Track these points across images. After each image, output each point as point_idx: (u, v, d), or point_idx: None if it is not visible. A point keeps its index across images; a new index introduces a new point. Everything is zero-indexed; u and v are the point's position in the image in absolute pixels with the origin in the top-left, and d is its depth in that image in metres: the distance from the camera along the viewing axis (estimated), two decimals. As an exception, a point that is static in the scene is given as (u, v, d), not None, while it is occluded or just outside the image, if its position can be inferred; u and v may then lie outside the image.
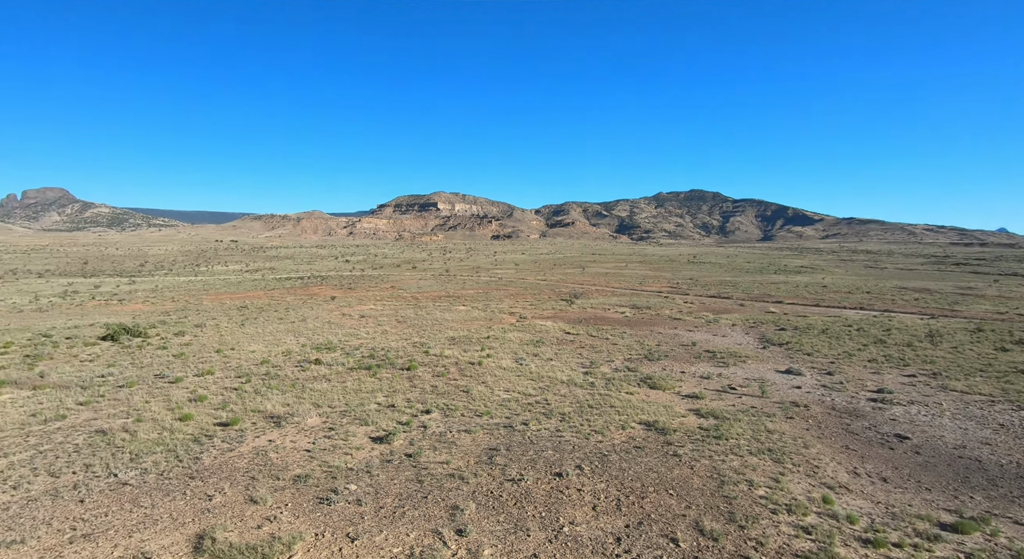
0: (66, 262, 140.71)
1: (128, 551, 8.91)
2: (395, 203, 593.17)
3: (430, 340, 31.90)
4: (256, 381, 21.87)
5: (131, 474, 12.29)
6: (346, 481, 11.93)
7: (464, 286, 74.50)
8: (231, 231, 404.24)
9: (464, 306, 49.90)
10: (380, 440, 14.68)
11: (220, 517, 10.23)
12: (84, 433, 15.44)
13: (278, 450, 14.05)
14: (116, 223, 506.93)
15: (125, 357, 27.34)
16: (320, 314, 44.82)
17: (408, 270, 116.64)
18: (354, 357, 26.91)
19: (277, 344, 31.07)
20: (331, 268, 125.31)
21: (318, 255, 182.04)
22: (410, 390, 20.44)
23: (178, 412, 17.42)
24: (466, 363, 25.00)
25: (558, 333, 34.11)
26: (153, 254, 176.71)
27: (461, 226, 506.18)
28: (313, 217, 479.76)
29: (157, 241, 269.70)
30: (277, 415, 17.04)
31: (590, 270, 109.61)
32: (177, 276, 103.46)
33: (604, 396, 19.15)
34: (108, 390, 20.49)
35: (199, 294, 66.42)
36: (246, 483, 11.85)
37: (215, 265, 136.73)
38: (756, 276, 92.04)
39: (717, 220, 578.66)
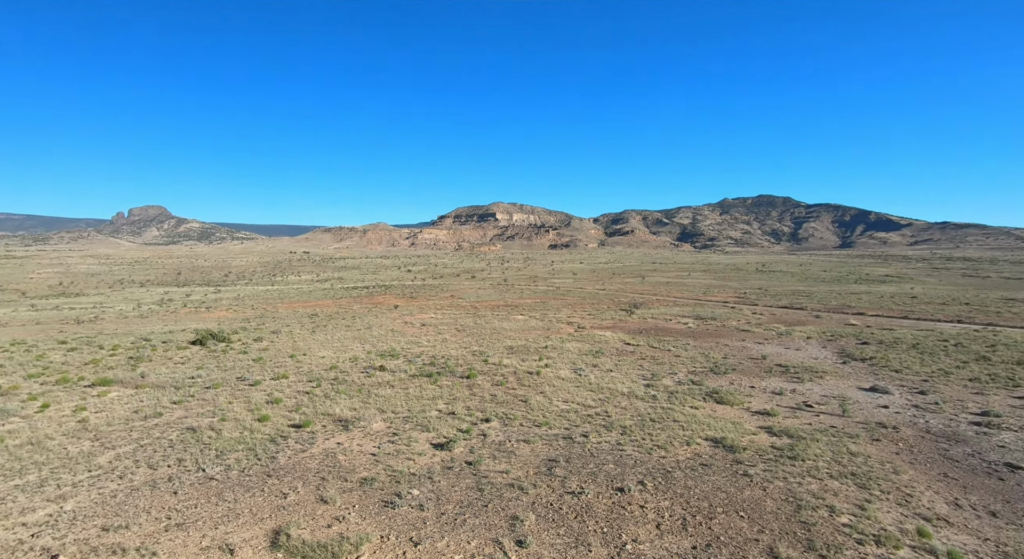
0: (163, 273, 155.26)
1: (214, 542, 9.61)
2: (454, 214, 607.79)
3: (489, 349, 32.24)
4: (326, 386, 23.00)
5: (217, 470, 13.27)
6: (409, 486, 12.24)
7: (522, 295, 74.85)
8: (304, 243, 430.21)
9: (522, 315, 50.08)
10: (441, 447, 14.97)
11: (294, 515, 10.80)
12: (177, 430, 16.88)
13: (346, 453, 14.67)
14: (205, 237, 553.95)
15: (211, 360, 29.65)
16: (384, 322, 46.55)
17: (467, 279, 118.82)
18: (416, 364, 27.69)
19: (344, 350, 32.56)
20: (394, 278, 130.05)
21: (382, 265, 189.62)
22: (469, 398, 20.72)
23: (257, 413, 18.64)
24: (524, 373, 25.03)
25: (618, 344, 33.43)
26: (235, 265, 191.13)
27: (519, 236, 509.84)
28: (378, 229, 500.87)
29: (239, 253, 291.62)
30: (345, 419, 17.82)
31: (650, 279, 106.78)
32: (256, 286, 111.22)
33: (667, 410, 18.50)
34: (197, 391, 22.30)
35: (275, 302, 71.02)
36: (317, 483, 12.46)
37: (289, 275, 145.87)
38: (833, 286, 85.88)
39: (788, 226, 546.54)
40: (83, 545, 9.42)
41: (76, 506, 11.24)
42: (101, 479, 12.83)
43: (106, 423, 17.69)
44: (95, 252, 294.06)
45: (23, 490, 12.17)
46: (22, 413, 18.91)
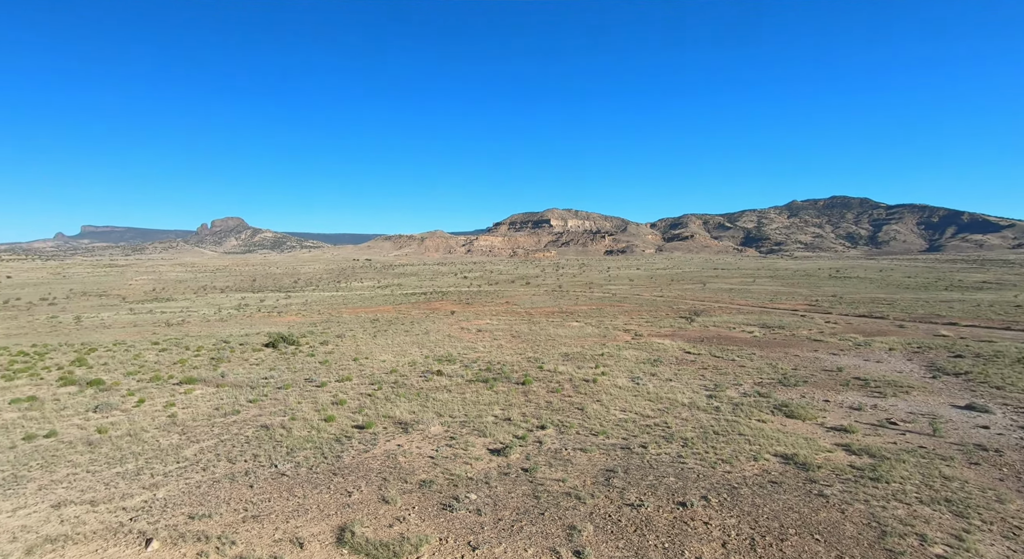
0: (240, 279, 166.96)
1: (286, 535, 10.15)
2: (509, 221, 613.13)
3: (544, 355, 32.15)
4: (386, 389, 23.79)
5: (287, 466, 14.04)
6: (466, 490, 12.39)
7: (577, 302, 74.15)
8: (365, 251, 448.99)
9: (577, 322, 49.60)
10: (497, 453, 15.05)
11: (358, 513, 11.22)
12: (252, 427, 18.03)
13: (406, 455, 15.08)
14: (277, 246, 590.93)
15: (282, 362, 31.47)
16: (441, 328, 47.58)
17: (522, 286, 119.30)
18: (472, 370, 28.06)
19: (404, 355, 33.56)
20: (451, 284, 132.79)
21: (439, 272, 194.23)
22: (525, 405, 20.73)
23: (323, 413, 19.57)
24: (580, 380, 24.74)
25: (677, 352, 32.32)
26: (304, 272, 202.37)
27: (574, 242, 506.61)
28: (435, 236, 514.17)
29: (307, 261, 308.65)
30: (405, 422, 18.33)
31: (712, 286, 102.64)
32: (322, 292, 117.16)
33: (731, 422, 17.64)
34: (270, 391, 23.73)
35: (339, 307, 74.46)
36: (379, 483, 12.88)
37: (352, 282, 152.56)
38: (920, 293, 78.87)
39: (866, 229, 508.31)
40: (172, 531, 10.24)
41: (167, 494, 12.26)
42: (187, 470, 13.92)
43: (191, 418, 19.20)
44: (183, 260, 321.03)
45: (123, 477, 13.42)
46: (122, 407, 20.89)
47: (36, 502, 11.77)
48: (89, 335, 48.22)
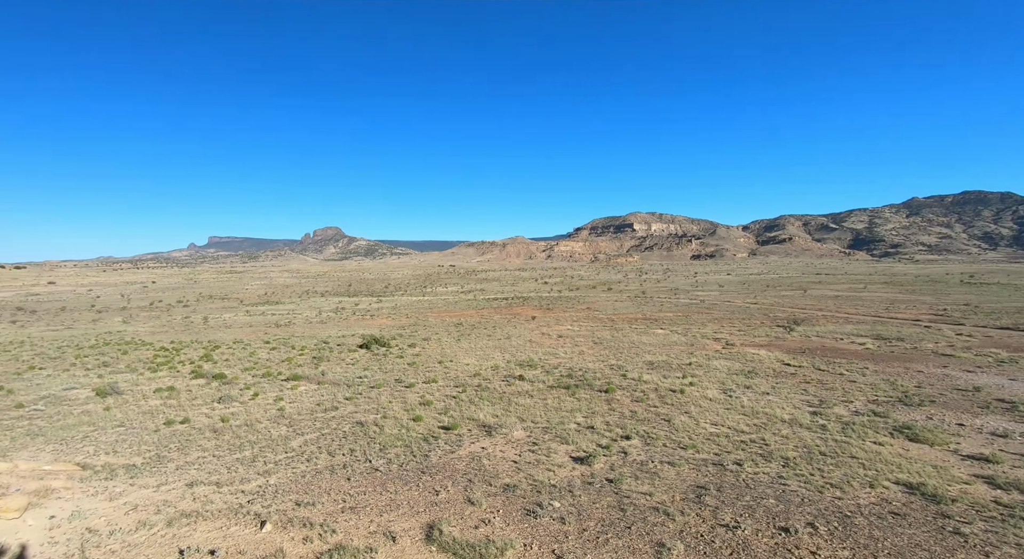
0: (337, 284, 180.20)
1: (379, 528, 10.72)
2: (590, 226, 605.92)
3: (627, 363, 31.27)
4: (470, 392, 24.39)
5: (380, 462, 14.84)
6: (550, 497, 12.32)
7: (662, 308, 71.41)
8: (450, 257, 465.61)
9: (662, 329, 47.73)
10: (580, 461, 14.83)
11: (445, 512, 11.57)
12: (349, 423, 19.30)
13: (489, 457, 15.33)
14: (370, 253, 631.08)
15: (375, 363, 33.41)
16: (522, 333, 47.98)
17: (603, 291, 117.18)
18: (553, 375, 27.97)
19: (486, 359, 34.24)
20: (531, 290, 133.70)
21: (520, 277, 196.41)
22: (608, 413, 20.27)
23: (412, 413, 20.48)
24: (666, 390, 23.73)
25: (774, 364, 29.95)
26: (393, 278, 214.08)
27: (658, 246, 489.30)
28: (516, 242, 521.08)
29: (396, 267, 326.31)
30: (488, 425, 18.67)
31: (814, 292, 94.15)
32: (410, 296, 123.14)
33: (841, 443, 15.97)
34: (363, 389, 25.29)
35: (425, 311, 77.73)
36: (464, 484, 13.21)
37: (437, 287, 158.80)
38: (1082, 301, 66.77)
39: (1009, 228, 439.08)
40: (282, 516, 11.21)
41: (277, 481, 13.46)
42: (294, 460, 15.19)
43: (297, 412, 20.96)
44: (289, 267, 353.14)
45: (241, 463, 14.95)
46: (240, 399, 23.31)
47: (174, 480, 13.45)
48: (214, 334, 54.47)
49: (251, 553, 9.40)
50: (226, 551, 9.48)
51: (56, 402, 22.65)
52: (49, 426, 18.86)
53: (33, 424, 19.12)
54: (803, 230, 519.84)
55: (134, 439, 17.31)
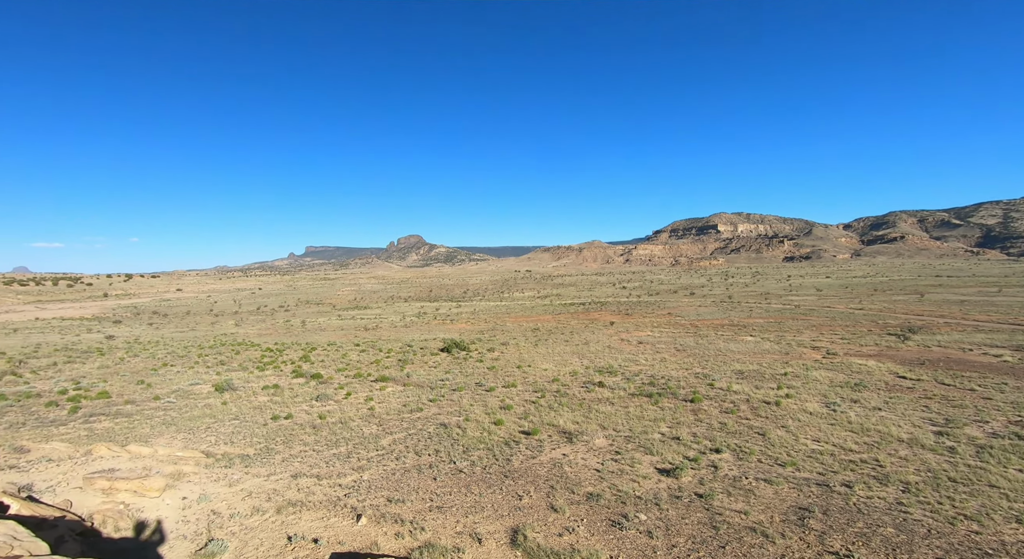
0: (419, 290, 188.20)
1: (465, 528, 10.98)
2: (671, 228, 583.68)
3: (714, 372, 29.66)
4: (549, 397, 24.35)
5: (464, 464, 15.22)
6: (635, 509, 11.95)
7: (751, 314, 67.03)
8: (526, 262, 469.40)
9: (751, 336, 44.77)
10: (667, 473, 14.25)
11: (528, 517, 11.61)
12: (433, 424, 20.00)
13: (571, 465, 15.18)
14: (449, 259, 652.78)
15: (456, 366, 34.40)
16: (600, 338, 47.17)
17: (685, 296, 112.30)
18: (634, 383, 27.18)
19: (564, 364, 34.03)
20: (609, 294, 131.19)
21: (597, 282, 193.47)
22: (695, 424, 19.32)
23: (493, 417, 20.81)
24: (759, 401, 22.17)
25: (887, 376, 26.97)
26: (472, 283, 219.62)
27: (745, 248, 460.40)
28: (592, 246, 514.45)
29: (474, 273, 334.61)
30: (568, 431, 18.51)
31: (932, 297, 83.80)
32: (488, 301, 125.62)
33: (976, 469, 13.99)
34: (446, 392, 26.11)
35: (503, 316, 78.85)
36: (547, 490, 13.18)
37: (514, 292, 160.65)
38: None
39: None
40: (375, 510, 11.85)
41: (370, 477, 14.26)
42: (384, 458, 16.01)
43: (385, 412, 22.09)
44: (375, 274, 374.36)
45: (338, 458, 16.01)
46: (335, 398, 25.00)
47: (281, 471, 14.70)
48: (310, 336, 58.98)
49: (349, 544, 10.01)
50: (327, 540, 10.18)
51: (184, 395, 25.64)
52: (179, 417, 21.40)
53: (167, 415, 21.79)
54: (918, 227, 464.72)
55: (247, 431, 19.15)
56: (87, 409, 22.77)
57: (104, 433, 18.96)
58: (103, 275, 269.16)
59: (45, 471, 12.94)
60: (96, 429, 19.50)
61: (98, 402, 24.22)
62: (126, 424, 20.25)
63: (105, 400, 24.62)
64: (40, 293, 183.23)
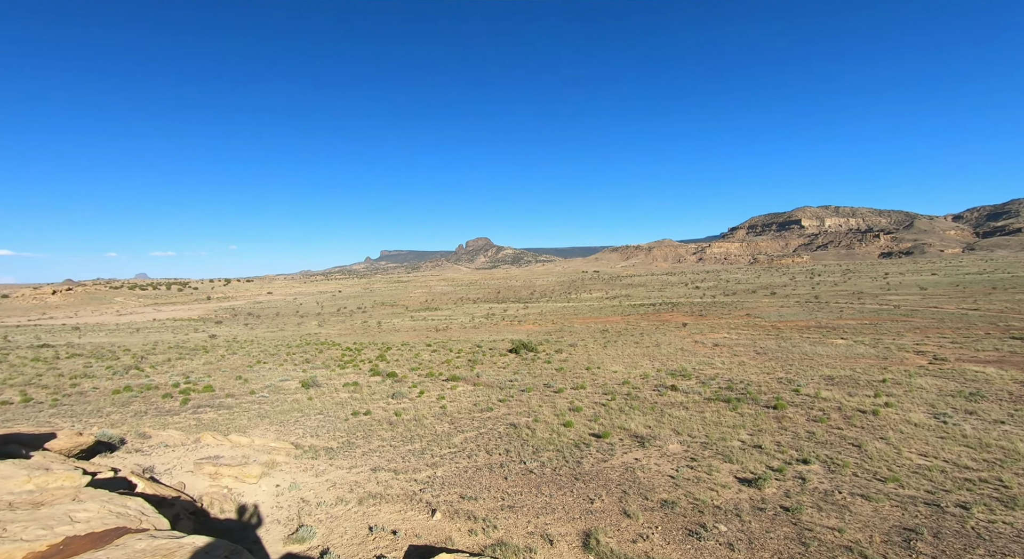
0: (487, 292, 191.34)
1: (537, 529, 11.01)
2: (748, 224, 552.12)
3: (799, 377, 27.66)
4: (619, 400, 23.84)
5: (534, 465, 15.26)
6: (714, 519, 11.40)
7: (841, 315, 61.85)
8: (593, 263, 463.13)
9: (842, 339, 41.28)
10: (748, 483, 13.46)
11: (600, 521, 11.43)
12: (503, 424, 20.24)
13: (644, 470, 14.76)
14: (516, 261, 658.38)
15: (524, 367, 34.60)
16: (672, 340, 45.52)
17: (765, 296, 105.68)
18: (710, 387, 25.99)
19: (635, 367, 33.18)
20: (681, 295, 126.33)
21: (668, 282, 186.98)
22: (778, 432, 18.11)
23: (562, 418, 20.71)
24: (853, 410, 20.37)
25: (1011, 385, 23.80)
26: (538, 285, 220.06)
27: (833, 244, 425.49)
28: (663, 245, 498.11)
29: (541, 274, 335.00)
30: (640, 435, 18.01)
31: (1068, 293, 72.93)
32: (555, 302, 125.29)
33: None
34: (515, 392, 26.33)
35: (570, 317, 78.28)
36: (619, 495, 12.90)
37: (582, 293, 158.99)
38: None
39: None
40: (448, 506, 12.18)
41: (443, 473, 14.69)
42: (456, 456, 16.42)
43: (457, 411, 22.66)
44: (445, 276, 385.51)
45: (413, 454, 16.64)
46: (408, 396, 26.01)
47: (361, 464, 15.52)
48: (386, 336, 61.80)
49: (425, 538, 10.37)
50: (405, 533, 10.60)
51: (275, 391, 27.78)
52: (271, 410, 23.22)
53: (261, 408, 23.72)
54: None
55: (330, 426, 20.40)
56: (195, 401, 25.31)
57: (209, 423, 20.99)
58: (206, 280, 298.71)
59: (163, 455, 14.54)
60: (203, 419, 21.62)
61: (204, 395, 26.84)
62: (227, 415, 22.30)
63: (210, 393, 27.23)
64: (156, 297, 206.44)
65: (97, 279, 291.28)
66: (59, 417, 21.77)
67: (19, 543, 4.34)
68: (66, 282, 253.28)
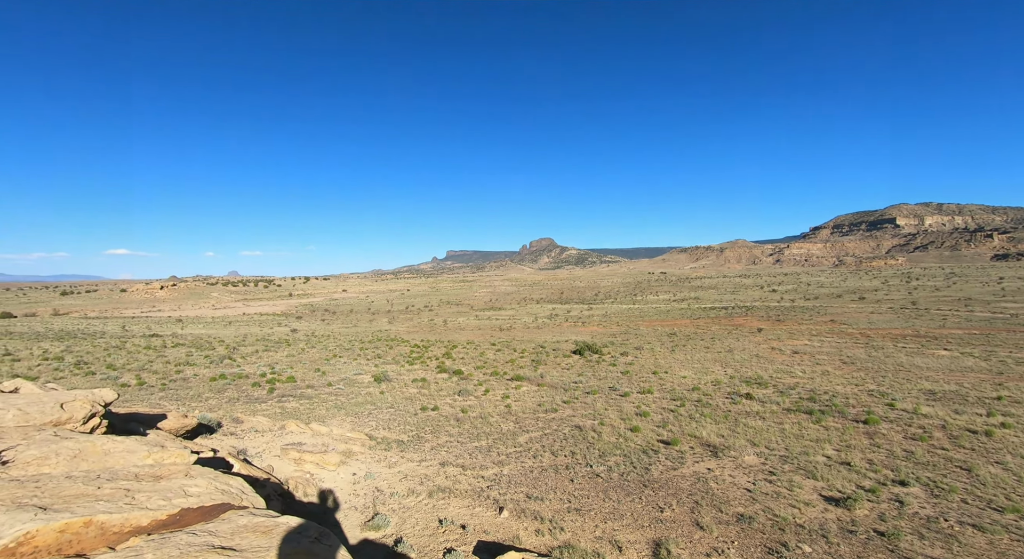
0: (550, 292, 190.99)
1: (604, 534, 10.83)
2: (833, 224, 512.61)
3: (893, 390, 25.30)
4: (689, 406, 22.94)
5: (601, 468, 15.03)
6: (797, 538, 10.67)
7: (944, 324, 55.87)
8: (660, 264, 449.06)
9: (946, 350, 37.29)
10: (835, 502, 12.48)
11: (671, 531, 11.05)
12: (568, 426, 20.11)
13: (717, 481, 14.10)
14: (580, 261, 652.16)
15: (588, 369, 34.19)
16: (746, 346, 43.20)
17: (853, 301, 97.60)
18: (789, 397, 24.40)
19: (705, 372, 31.80)
20: (756, 298, 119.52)
21: (742, 284, 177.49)
22: (870, 449, 16.64)
23: (628, 423, 20.25)
24: (961, 429, 18.31)
25: None
26: (603, 286, 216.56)
27: (934, 245, 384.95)
28: (736, 246, 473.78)
29: (605, 275, 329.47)
30: (713, 444, 17.23)
31: None
32: (619, 304, 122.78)
33: None
34: (579, 394, 26.07)
35: (636, 320, 76.40)
36: (691, 505, 12.41)
37: (648, 295, 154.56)
38: None
39: None
40: (515, 505, 12.28)
41: (509, 472, 14.83)
42: (522, 455, 16.52)
43: (521, 410, 22.79)
44: (509, 276, 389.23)
45: (479, 451, 16.94)
46: (474, 394, 26.49)
47: (431, 458, 16.01)
48: (451, 334, 63.36)
49: (493, 535, 10.51)
50: (473, 528, 10.81)
51: (350, 384, 29.30)
52: (347, 402, 24.53)
53: (337, 399, 25.12)
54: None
55: (400, 419, 21.22)
56: (280, 390, 27.26)
57: (292, 411, 22.53)
58: (288, 278, 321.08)
59: (253, 440, 15.78)
60: (287, 407, 23.24)
61: (287, 385, 28.84)
62: (307, 405, 23.82)
63: (292, 384, 29.22)
64: (246, 293, 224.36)
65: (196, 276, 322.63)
66: (167, 400, 24.25)
67: (145, 511, 4.88)
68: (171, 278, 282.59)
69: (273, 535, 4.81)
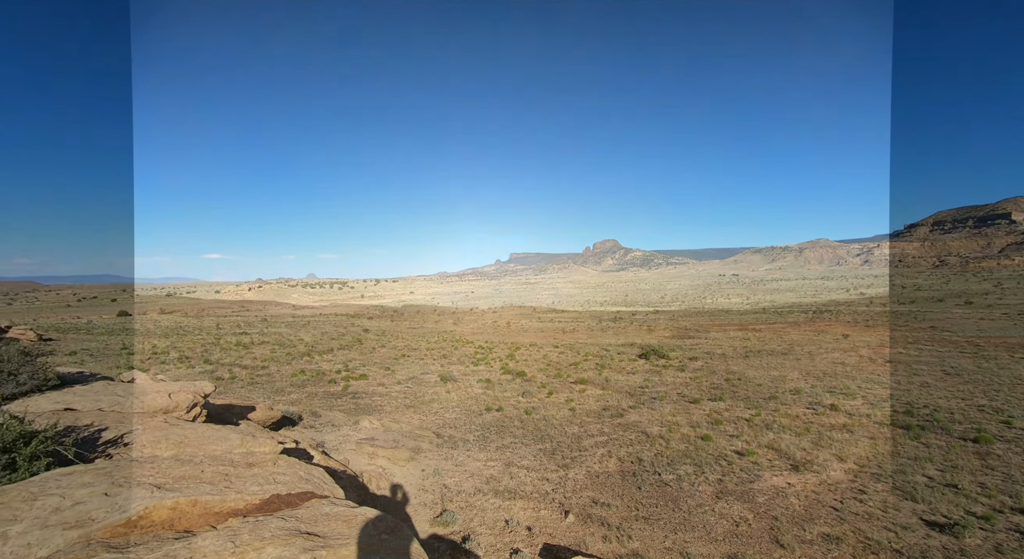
0: (614, 295, 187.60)
1: (675, 545, 10.46)
2: (933, 220, 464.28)
3: (1010, 406, 22.48)
4: (766, 416, 21.63)
5: (669, 477, 14.53)
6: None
7: (1073, 331, 48.93)
8: (732, 265, 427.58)
9: (1078, 362, 32.58)
10: (939, 528, 11.28)
11: (747, 547, 10.47)
12: (634, 431, 19.61)
13: (798, 496, 13.19)
14: (645, 263, 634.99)
15: (654, 374, 33.18)
16: (830, 353, 40.11)
17: (957, 306, 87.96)
18: (881, 409, 22.35)
19: (783, 380, 29.88)
20: (840, 302, 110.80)
21: (824, 287, 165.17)
22: (982, 471, 14.88)
23: (699, 431, 19.42)
24: (1098, 454, 15.94)
25: None
26: (670, 288, 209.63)
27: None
28: (817, 246, 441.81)
29: (672, 277, 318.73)
30: (793, 457, 16.14)
31: None
32: (687, 307, 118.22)
33: None
34: (645, 399, 25.36)
35: (706, 324, 73.22)
36: (769, 521, 11.70)
37: (718, 297, 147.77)
38: None
39: None
40: (581, 509, 12.15)
41: (574, 476, 14.70)
42: (587, 459, 16.31)
43: (585, 414, 22.52)
44: (572, 278, 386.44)
45: (543, 453, 16.93)
46: (537, 396, 26.51)
47: (496, 458, 16.21)
48: (514, 336, 63.84)
49: (559, 538, 10.47)
50: (539, 530, 10.82)
51: (417, 382, 30.31)
52: (415, 400, 25.39)
53: (406, 397, 26.07)
54: None
55: (466, 419, 21.66)
56: (353, 387, 28.71)
57: (365, 407, 23.64)
58: (360, 280, 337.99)
59: (330, 433, 16.73)
60: (360, 403, 24.43)
61: (360, 382, 30.32)
62: (379, 402, 24.90)
63: (364, 381, 30.68)
64: (322, 294, 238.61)
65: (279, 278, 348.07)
66: (255, 393, 26.28)
67: (241, 494, 5.32)
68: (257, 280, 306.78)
69: (353, 524, 5.08)
